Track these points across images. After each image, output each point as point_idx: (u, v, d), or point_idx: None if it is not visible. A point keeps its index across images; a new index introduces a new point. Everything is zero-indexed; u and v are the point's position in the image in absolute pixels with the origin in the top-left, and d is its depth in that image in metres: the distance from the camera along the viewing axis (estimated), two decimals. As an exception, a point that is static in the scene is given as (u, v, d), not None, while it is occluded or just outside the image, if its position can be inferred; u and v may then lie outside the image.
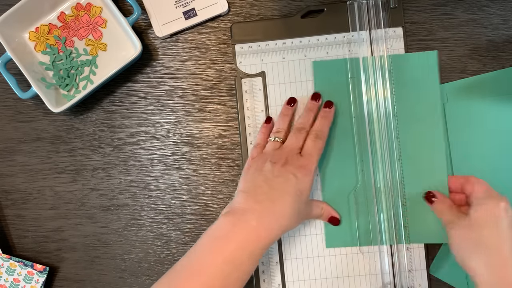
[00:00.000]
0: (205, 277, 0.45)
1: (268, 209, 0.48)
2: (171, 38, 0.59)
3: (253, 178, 0.51)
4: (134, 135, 0.58)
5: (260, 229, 0.47)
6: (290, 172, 0.50)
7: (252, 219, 0.47)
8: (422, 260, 0.56)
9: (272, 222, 0.48)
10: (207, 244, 0.48)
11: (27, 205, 0.58)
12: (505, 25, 0.57)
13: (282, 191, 0.49)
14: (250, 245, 0.47)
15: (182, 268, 0.47)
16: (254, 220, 0.47)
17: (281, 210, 0.48)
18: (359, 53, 0.57)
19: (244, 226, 0.47)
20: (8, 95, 0.59)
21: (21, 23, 0.57)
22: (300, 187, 0.49)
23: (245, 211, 0.48)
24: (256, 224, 0.47)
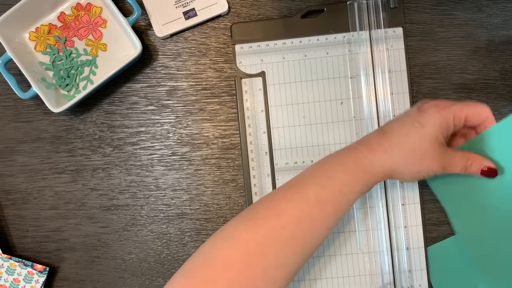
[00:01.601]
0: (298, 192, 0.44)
1: (376, 139, 0.46)
2: (171, 38, 0.59)
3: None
4: (134, 135, 0.58)
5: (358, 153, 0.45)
6: (416, 105, 0.47)
7: (357, 145, 0.46)
8: (422, 260, 0.56)
9: (376, 150, 0.45)
10: (308, 167, 0.47)
11: (27, 205, 0.58)
12: (505, 25, 0.57)
13: (396, 122, 0.46)
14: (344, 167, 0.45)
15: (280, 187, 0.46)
16: (358, 145, 0.46)
17: (390, 141, 0.45)
18: (359, 53, 0.57)
19: (345, 150, 0.46)
20: (8, 95, 0.59)
21: (21, 23, 0.57)
22: (421, 119, 0.45)
23: (353, 143, 0.47)
24: (358, 148, 0.46)
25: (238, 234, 0.43)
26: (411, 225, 0.56)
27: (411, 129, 0.45)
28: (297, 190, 0.44)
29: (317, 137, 0.57)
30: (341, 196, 0.45)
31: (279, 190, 0.46)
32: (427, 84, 0.57)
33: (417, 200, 0.56)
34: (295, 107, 0.57)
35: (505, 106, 0.57)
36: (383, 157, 0.45)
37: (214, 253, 0.42)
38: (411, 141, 0.45)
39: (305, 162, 0.57)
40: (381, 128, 0.48)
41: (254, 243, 0.42)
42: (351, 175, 0.45)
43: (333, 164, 0.46)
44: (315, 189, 0.44)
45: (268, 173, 0.57)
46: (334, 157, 0.47)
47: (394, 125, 0.47)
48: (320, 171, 0.46)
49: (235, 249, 0.42)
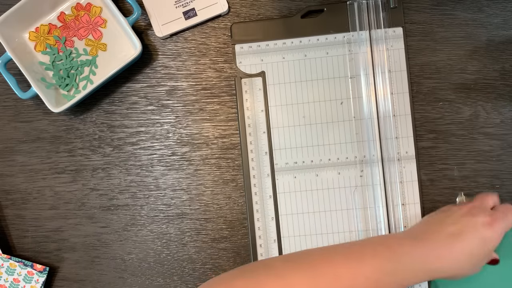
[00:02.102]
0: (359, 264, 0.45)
1: (447, 242, 0.47)
2: (171, 38, 0.59)
3: (436, 217, 0.51)
4: (134, 135, 0.58)
5: (428, 252, 0.46)
6: (478, 215, 0.49)
7: (427, 242, 0.47)
8: (422, 260, 0.56)
9: (446, 256, 0.47)
10: (369, 240, 0.49)
11: (27, 205, 0.58)
12: (505, 25, 0.57)
13: (467, 230, 0.48)
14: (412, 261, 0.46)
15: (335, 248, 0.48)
16: (428, 243, 0.47)
17: (461, 249, 0.47)
18: (359, 53, 0.57)
19: (417, 242, 0.47)
20: (8, 95, 0.59)
21: (21, 23, 0.57)
22: (487, 234, 0.48)
23: (420, 235, 0.48)
24: (428, 246, 0.47)
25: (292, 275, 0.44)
26: (411, 225, 0.56)
27: (479, 243, 0.48)
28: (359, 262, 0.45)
29: (317, 137, 0.57)
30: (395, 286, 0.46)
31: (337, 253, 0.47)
32: (427, 84, 0.57)
33: (417, 200, 0.56)
34: (295, 107, 0.57)
35: (505, 106, 0.57)
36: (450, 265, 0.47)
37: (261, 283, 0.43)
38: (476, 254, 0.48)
39: (305, 162, 0.57)
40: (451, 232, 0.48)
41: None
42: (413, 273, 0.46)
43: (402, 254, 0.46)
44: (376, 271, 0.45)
45: (268, 173, 0.57)
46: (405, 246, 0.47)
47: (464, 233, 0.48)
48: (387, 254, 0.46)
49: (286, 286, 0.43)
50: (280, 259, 0.47)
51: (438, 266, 0.47)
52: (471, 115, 0.57)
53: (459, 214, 0.50)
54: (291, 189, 0.57)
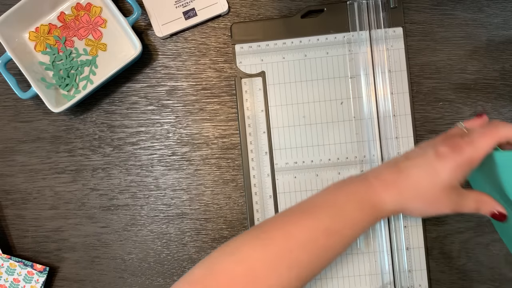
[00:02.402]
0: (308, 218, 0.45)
1: (391, 176, 0.45)
2: (171, 38, 0.59)
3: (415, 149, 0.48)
4: (134, 135, 0.58)
5: (372, 189, 0.45)
6: (433, 146, 0.45)
7: (371, 179, 0.46)
8: (422, 260, 0.56)
9: (390, 189, 0.45)
10: (320, 191, 0.47)
11: (27, 205, 0.58)
12: (505, 25, 0.57)
13: (413, 162, 0.45)
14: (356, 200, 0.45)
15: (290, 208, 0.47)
16: (372, 179, 0.46)
17: (405, 183, 0.45)
18: (359, 53, 0.57)
19: (359, 181, 0.46)
20: (8, 95, 0.59)
21: (21, 23, 0.57)
22: (437, 166, 0.44)
23: (368, 173, 0.47)
24: (372, 182, 0.46)
25: (245, 251, 0.43)
26: (411, 225, 0.56)
27: (426, 175, 0.45)
28: (308, 216, 0.45)
29: (317, 137, 0.57)
30: (350, 229, 0.45)
31: (289, 213, 0.46)
32: (427, 84, 0.57)
33: (417, 200, 0.56)
34: (295, 107, 0.57)
35: (505, 106, 0.57)
36: (395, 196, 0.45)
37: (219, 265, 0.43)
38: (424, 186, 0.45)
39: (305, 162, 0.57)
40: (396, 163, 0.47)
41: (260, 262, 0.43)
42: (362, 210, 0.45)
43: (346, 196, 0.46)
44: (326, 218, 0.45)
45: (268, 173, 0.57)
46: (347, 186, 0.47)
47: (410, 164, 0.46)
48: (332, 200, 0.46)
49: (240, 264, 0.43)
50: (239, 236, 0.46)
51: (385, 200, 0.45)
52: (471, 115, 0.57)
53: (421, 145, 0.47)
54: (291, 189, 0.57)
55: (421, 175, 0.45)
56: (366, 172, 0.48)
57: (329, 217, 0.45)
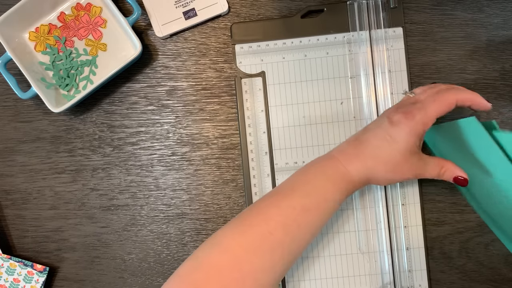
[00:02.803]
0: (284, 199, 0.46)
1: (351, 147, 0.48)
2: (171, 38, 0.59)
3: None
4: (134, 135, 0.58)
5: (337, 163, 0.47)
6: (386, 115, 0.47)
7: (336, 154, 0.48)
8: (422, 260, 0.56)
9: (353, 160, 0.47)
10: (292, 175, 0.49)
11: (27, 205, 0.58)
12: (505, 25, 0.57)
13: (371, 133, 0.47)
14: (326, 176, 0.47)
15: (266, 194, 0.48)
16: (337, 154, 0.48)
17: (366, 152, 0.47)
18: (359, 53, 0.57)
19: (326, 158, 0.48)
20: (8, 95, 0.59)
21: (21, 23, 0.57)
22: (392, 132, 0.46)
23: (333, 150, 0.49)
24: (337, 157, 0.47)
25: (227, 240, 0.45)
26: (411, 225, 0.56)
27: (383, 142, 0.47)
28: (283, 197, 0.46)
29: (317, 137, 0.57)
30: (325, 203, 0.47)
31: (265, 198, 0.48)
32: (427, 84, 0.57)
33: (417, 200, 0.56)
34: (295, 107, 0.57)
35: (505, 106, 0.57)
36: (358, 167, 0.47)
37: (205, 258, 0.44)
38: (383, 153, 0.47)
39: (305, 162, 0.57)
40: (356, 137, 0.49)
41: (242, 248, 0.44)
42: (332, 183, 0.47)
43: (315, 173, 0.48)
44: (300, 197, 0.46)
45: (268, 173, 0.57)
46: (315, 165, 0.49)
47: (368, 135, 0.48)
48: (304, 179, 0.48)
49: (224, 254, 0.44)
50: (221, 228, 0.47)
51: (351, 172, 0.47)
52: (471, 115, 0.57)
53: (376, 119, 0.49)
54: (291, 189, 0.57)
55: (379, 143, 0.47)
56: (330, 151, 0.50)
57: (303, 195, 0.46)
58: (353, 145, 0.48)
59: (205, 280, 0.43)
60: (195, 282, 0.43)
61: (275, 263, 0.44)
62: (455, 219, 0.57)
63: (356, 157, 0.47)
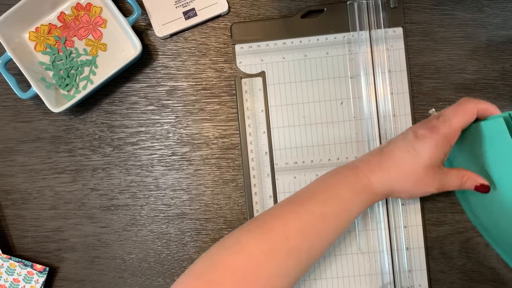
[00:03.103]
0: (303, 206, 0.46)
1: (376, 159, 0.48)
2: (171, 38, 0.59)
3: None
4: (134, 135, 0.58)
5: (360, 173, 0.47)
6: (412, 129, 0.48)
7: (359, 164, 0.48)
8: (422, 260, 0.56)
9: (376, 171, 0.47)
10: (313, 182, 0.49)
11: (27, 205, 0.58)
12: (505, 25, 0.57)
13: (395, 145, 0.48)
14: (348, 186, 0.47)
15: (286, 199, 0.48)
16: (360, 164, 0.48)
17: (389, 164, 0.47)
18: (359, 53, 0.57)
19: (349, 168, 0.48)
20: (8, 95, 0.59)
21: (21, 23, 0.57)
22: (416, 146, 0.47)
23: (356, 160, 0.49)
24: (360, 167, 0.47)
25: (245, 242, 0.45)
26: (411, 225, 0.56)
27: (407, 155, 0.47)
28: (303, 204, 0.46)
29: (317, 137, 0.57)
30: (344, 212, 0.47)
31: (285, 204, 0.48)
32: (427, 84, 0.57)
33: (417, 200, 0.56)
34: (295, 107, 0.57)
35: (505, 106, 0.57)
36: (381, 178, 0.47)
37: (220, 258, 0.44)
38: (407, 166, 0.47)
39: (305, 162, 0.57)
40: (380, 149, 0.49)
41: (260, 251, 0.44)
42: (354, 193, 0.47)
43: (336, 182, 0.48)
44: (320, 204, 0.46)
45: (268, 173, 0.57)
46: (337, 174, 0.49)
47: (392, 147, 0.48)
48: (324, 187, 0.48)
49: (240, 254, 0.44)
50: (237, 229, 0.47)
51: (374, 183, 0.47)
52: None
53: (406, 130, 0.50)
54: (291, 189, 0.57)
55: (403, 156, 0.47)
56: (353, 161, 0.50)
57: (324, 202, 0.46)
58: (377, 156, 0.49)
59: (219, 280, 0.42)
60: (210, 281, 0.43)
61: (289, 268, 0.44)
62: (455, 219, 0.57)
63: (379, 168, 0.47)
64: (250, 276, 0.43)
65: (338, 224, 0.46)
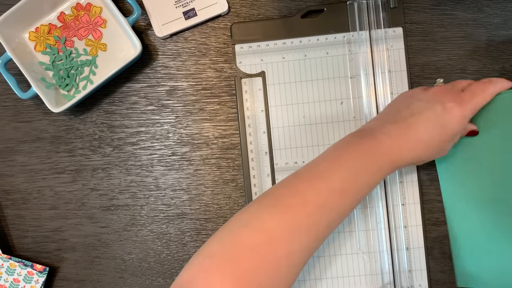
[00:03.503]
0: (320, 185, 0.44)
1: (401, 132, 0.46)
2: (171, 38, 0.59)
3: (397, 101, 0.50)
4: (134, 135, 0.58)
5: (384, 147, 0.46)
6: (439, 100, 0.47)
7: (381, 136, 0.46)
8: (422, 260, 0.56)
9: (402, 145, 0.46)
10: (327, 154, 0.47)
11: (27, 205, 0.58)
12: (505, 25, 0.57)
13: (422, 117, 0.47)
14: (370, 160, 0.45)
15: (301, 173, 0.46)
16: (382, 136, 0.46)
17: (416, 137, 0.46)
18: (359, 53, 0.57)
19: (368, 140, 0.46)
20: (8, 95, 0.59)
21: (21, 23, 0.57)
22: (446, 119, 0.46)
23: (373, 130, 0.47)
24: (384, 140, 0.46)
25: (263, 220, 0.43)
26: (411, 225, 0.56)
27: (436, 130, 0.47)
28: (322, 180, 0.45)
29: (317, 137, 0.57)
30: (366, 187, 0.46)
31: (302, 179, 0.46)
32: (427, 84, 0.57)
33: (417, 200, 0.56)
34: (295, 107, 0.57)
35: (505, 106, 0.57)
36: (408, 155, 0.47)
37: (236, 236, 0.43)
38: (435, 141, 0.47)
39: (305, 162, 0.57)
40: (405, 120, 0.47)
41: (280, 230, 0.43)
42: (377, 169, 0.46)
43: (358, 157, 0.46)
44: (340, 181, 0.45)
45: (268, 173, 0.57)
46: (357, 146, 0.47)
47: (419, 119, 0.47)
48: (344, 161, 0.46)
49: (260, 234, 0.42)
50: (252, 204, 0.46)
51: (399, 157, 0.46)
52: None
53: (423, 99, 0.48)
54: (291, 189, 0.57)
55: (432, 132, 0.47)
56: (369, 128, 0.48)
57: (344, 179, 0.45)
58: (401, 128, 0.47)
59: (237, 258, 0.41)
60: (227, 260, 0.41)
61: (309, 244, 0.44)
62: (455, 219, 0.57)
63: (407, 142, 0.46)
64: (270, 255, 0.42)
65: (357, 199, 0.46)
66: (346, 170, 0.45)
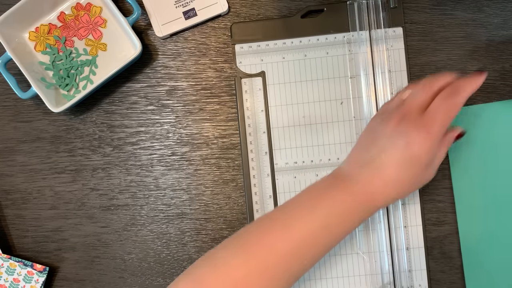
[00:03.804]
0: (295, 231, 0.44)
1: (374, 175, 0.44)
2: (171, 38, 0.59)
3: (364, 138, 0.47)
4: (134, 135, 0.58)
5: (359, 194, 0.44)
6: (401, 132, 0.43)
7: (353, 182, 0.44)
8: (422, 260, 0.56)
9: (376, 187, 0.44)
10: (301, 200, 0.46)
11: (27, 205, 0.58)
12: (505, 25, 0.57)
13: (389, 157, 0.44)
14: (343, 207, 0.44)
15: (273, 219, 0.46)
16: (355, 182, 0.44)
17: (388, 177, 0.44)
18: (359, 53, 0.57)
19: (341, 187, 0.45)
20: (8, 95, 0.59)
21: (21, 23, 0.57)
22: (412, 152, 0.43)
23: (345, 177, 0.45)
24: (357, 186, 0.44)
25: (231, 268, 0.43)
26: (411, 225, 0.56)
27: (404, 166, 0.44)
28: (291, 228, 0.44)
29: (317, 137, 0.57)
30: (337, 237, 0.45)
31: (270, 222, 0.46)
32: (427, 84, 0.57)
33: (417, 200, 0.56)
34: (295, 107, 0.57)
35: (505, 106, 0.57)
36: (385, 195, 0.45)
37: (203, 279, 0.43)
38: (406, 176, 0.44)
39: (305, 162, 0.57)
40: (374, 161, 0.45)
41: (248, 278, 0.43)
42: (350, 217, 0.45)
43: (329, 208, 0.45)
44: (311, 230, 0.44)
45: (268, 173, 0.57)
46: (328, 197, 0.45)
47: (387, 160, 0.44)
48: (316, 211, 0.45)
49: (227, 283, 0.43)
50: (221, 247, 0.46)
51: (375, 201, 0.45)
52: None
53: (385, 134, 0.45)
54: (291, 189, 0.57)
55: (401, 166, 0.44)
56: (341, 175, 0.47)
57: (314, 229, 0.44)
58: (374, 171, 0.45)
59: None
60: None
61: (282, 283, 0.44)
62: (455, 219, 0.57)
63: (381, 186, 0.44)
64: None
65: (332, 244, 0.46)
66: (317, 220, 0.44)
